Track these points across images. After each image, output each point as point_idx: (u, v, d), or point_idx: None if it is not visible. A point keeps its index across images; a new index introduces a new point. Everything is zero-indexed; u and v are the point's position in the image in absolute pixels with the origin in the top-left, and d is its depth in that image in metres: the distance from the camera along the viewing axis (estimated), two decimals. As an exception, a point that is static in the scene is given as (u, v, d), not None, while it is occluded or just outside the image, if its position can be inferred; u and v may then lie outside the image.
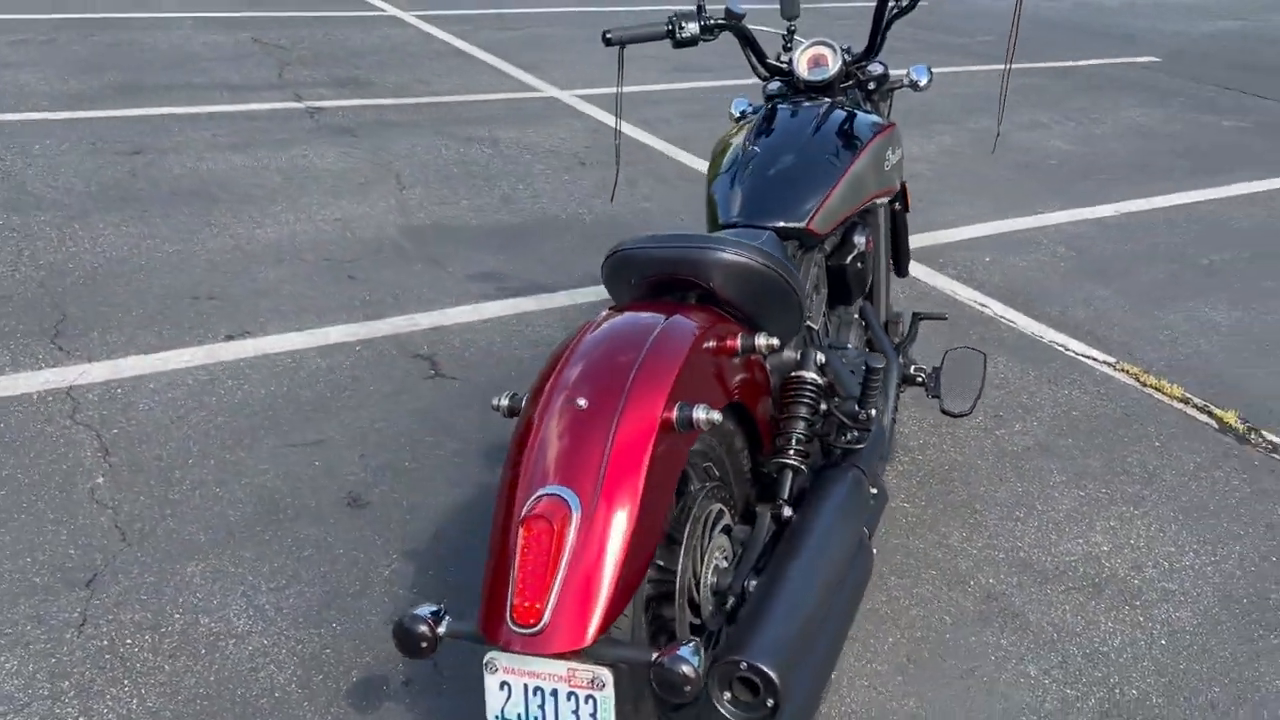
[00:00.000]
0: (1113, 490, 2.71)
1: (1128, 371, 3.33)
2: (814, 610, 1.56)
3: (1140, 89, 7.43)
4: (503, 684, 1.43)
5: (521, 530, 1.38)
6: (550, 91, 6.44)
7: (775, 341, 1.74)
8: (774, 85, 2.63)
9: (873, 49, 2.53)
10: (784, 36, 2.64)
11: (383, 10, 8.73)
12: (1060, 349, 3.47)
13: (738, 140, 2.36)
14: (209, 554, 2.31)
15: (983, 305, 3.77)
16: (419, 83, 6.45)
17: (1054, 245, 4.38)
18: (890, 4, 2.48)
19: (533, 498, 1.41)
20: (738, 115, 2.68)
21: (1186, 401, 3.17)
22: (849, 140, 2.31)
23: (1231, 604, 2.32)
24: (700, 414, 1.50)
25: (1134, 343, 3.54)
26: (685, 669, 1.30)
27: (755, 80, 2.92)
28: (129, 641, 2.05)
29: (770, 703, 1.40)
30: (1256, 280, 4.11)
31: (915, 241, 4.25)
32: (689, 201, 4.63)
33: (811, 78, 2.48)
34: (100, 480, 2.53)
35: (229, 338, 3.24)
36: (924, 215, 4.62)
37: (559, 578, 1.36)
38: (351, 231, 4.12)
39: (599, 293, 3.67)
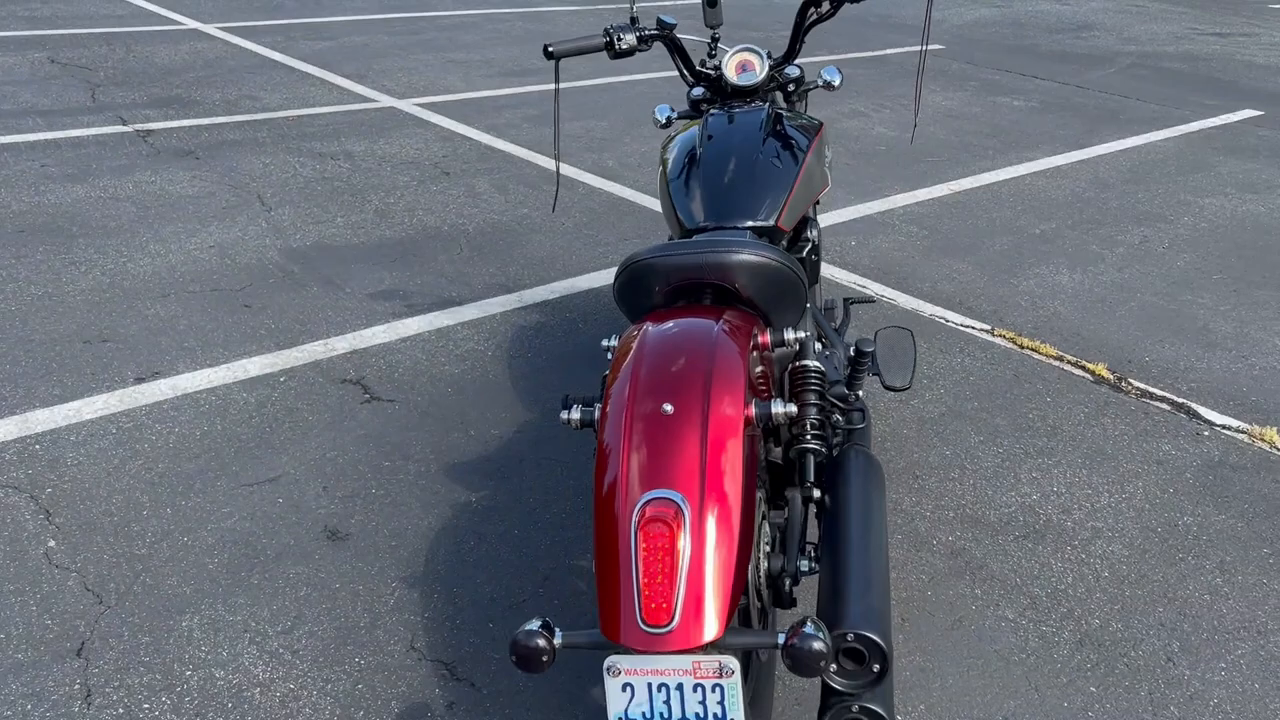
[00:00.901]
0: (1025, 445, 3.00)
1: (1005, 336, 3.67)
2: (880, 576, 1.70)
3: (938, 75, 8.02)
4: (625, 685, 1.49)
5: (639, 535, 1.45)
6: (387, 101, 6.33)
7: (802, 335, 1.87)
8: (698, 90, 2.75)
9: (792, 53, 2.70)
10: (709, 44, 2.77)
11: (181, 24, 8.28)
12: (941, 321, 3.77)
13: (689, 145, 2.46)
14: (200, 605, 2.22)
15: (863, 286, 4.04)
16: (247, 98, 6.19)
17: (906, 225, 4.73)
18: (810, 11, 2.64)
19: (641, 503, 1.48)
20: (664, 121, 2.79)
21: (1061, 359, 3.52)
22: (796, 140, 2.46)
23: (1150, 534, 2.64)
24: (778, 408, 1.61)
25: (1001, 310, 3.89)
26: (818, 645, 1.41)
27: (592, 81, 3.01)
28: (146, 706, 1.96)
29: (876, 667, 1.53)
30: (1084, 245, 4.58)
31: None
32: (565, 206, 4.70)
33: (740, 82, 2.62)
34: (52, 544, 2.37)
35: (139, 380, 3.07)
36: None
37: (682, 576, 1.43)
38: (230, 258, 3.96)
39: (507, 303, 3.70)
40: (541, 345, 3.42)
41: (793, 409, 1.62)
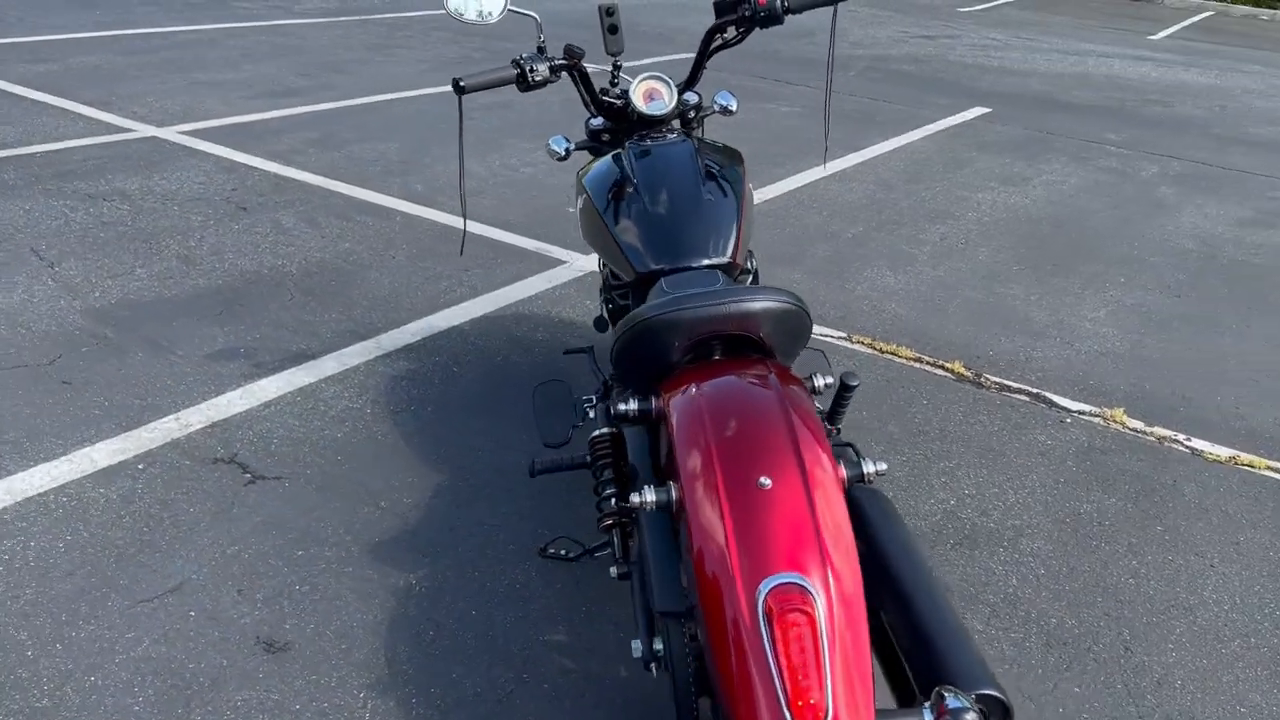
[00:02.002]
0: (924, 450, 3.11)
1: (862, 342, 3.80)
2: (961, 622, 1.68)
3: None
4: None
5: (774, 628, 1.35)
6: (146, 130, 5.70)
7: (830, 379, 1.83)
8: (597, 121, 2.65)
9: (693, 80, 2.65)
10: (611, 72, 2.66)
11: None
12: (801, 333, 3.85)
13: (612, 182, 2.36)
14: (141, 759, 1.88)
15: (716, 303, 4.05)
16: (-28, 133, 5.39)
17: (731, 237, 4.80)
18: (716, 37, 2.60)
19: (765, 591, 1.38)
20: (562, 153, 2.67)
21: (919, 360, 3.69)
22: (729, 172, 2.42)
23: (1061, 524, 2.80)
24: (870, 467, 1.55)
25: (849, 316, 4.03)
26: (971, 717, 1.36)
27: (360, 100, 2.88)
28: None
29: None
30: (896, 246, 4.83)
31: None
32: (388, 238, 4.41)
33: (650, 111, 2.53)
34: (-79, 712, 1.93)
35: (-40, 488, 2.58)
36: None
37: (827, 665, 1.35)
38: (24, 326, 3.41)
39: (366, 351, 3.41)
40: (422, 396, 3.18)
41: (883, 466, 1.57)
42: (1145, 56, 11.43)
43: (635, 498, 1.56)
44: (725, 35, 2.61)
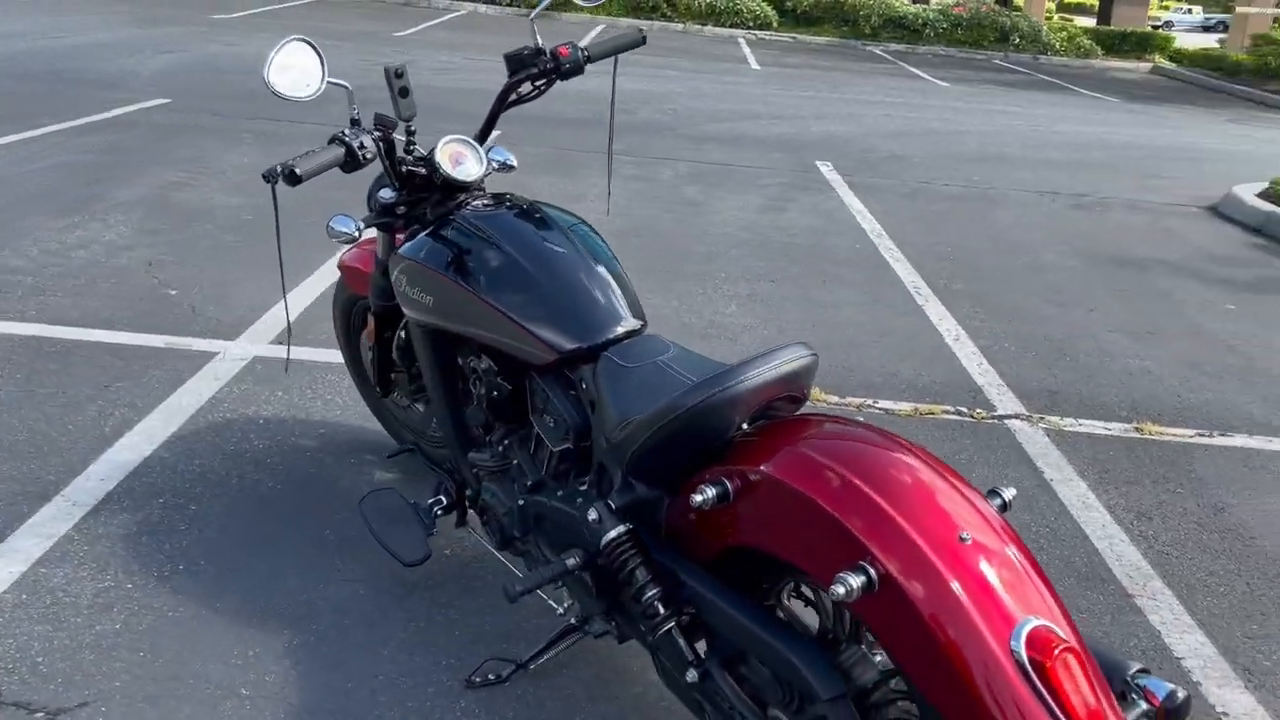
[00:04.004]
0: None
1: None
2: None
3: (205, 132, 7.44)
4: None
5: (1046, 673, 1.37)
6: None
7: None
8: (388, 193, 2.39)
9: (484, 136, 2.50)
10: (406, 139, 2.40)
11: None
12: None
13: (484, 259, 2.17)
14: None
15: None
16: None
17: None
18: (512, 95, 2.46)
19: (1021, 641, 1.39)
20: (354, 234, 2.39)
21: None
22: (589, 231, 2.34)
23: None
24: (1008, 494, 1.63)
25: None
26: (1183, 693, 1.50)
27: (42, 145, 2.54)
28: None
29: None
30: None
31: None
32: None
33: (459, 176, 2.35)
34: None
35: None
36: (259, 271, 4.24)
37: (1103, 700, 1.41)
38: None
39: (61, 512, 2.67)
40: (180, 548, 2.58)
41: (1014, 492, 1.66)
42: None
43: (838, 589, 1.46)
44: (521, 91, 2.47)
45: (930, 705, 1.46)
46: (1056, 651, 1.38)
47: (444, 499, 2.50)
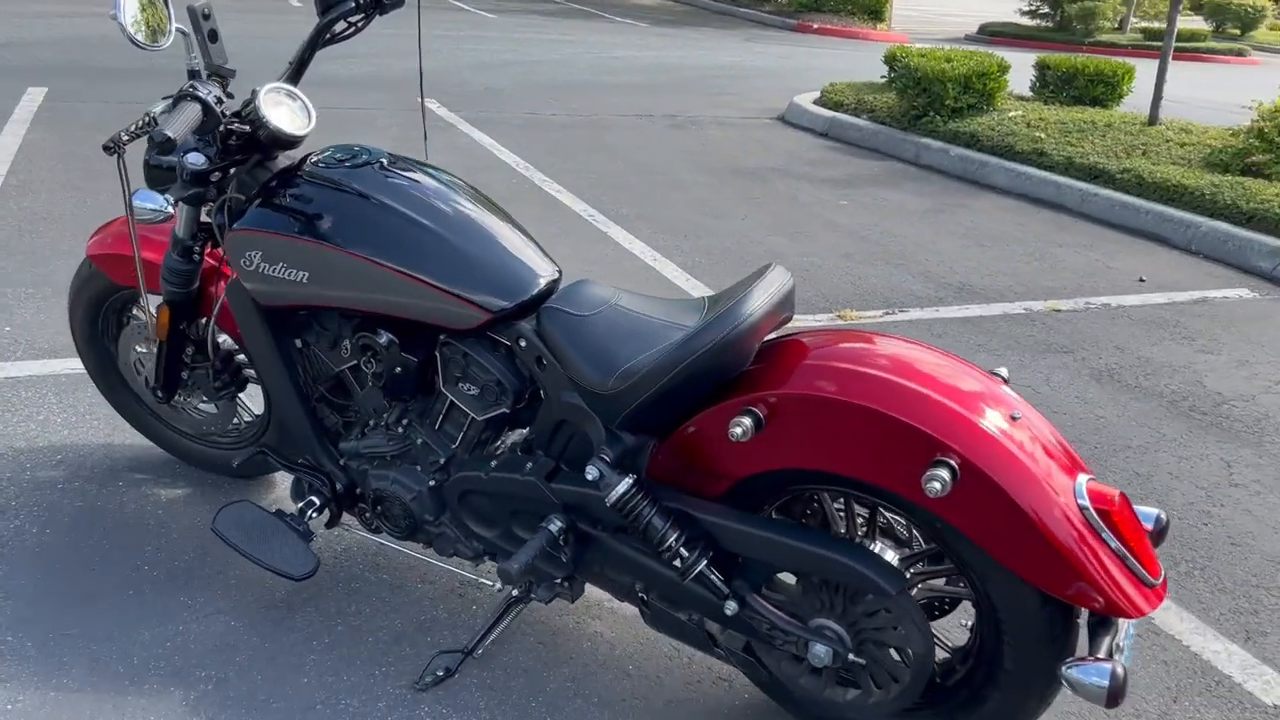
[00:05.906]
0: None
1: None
2: None
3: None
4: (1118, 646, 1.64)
5: (1109, 514, 1.58)
6: None
7: None
8: (197, 158, 2.04)
9: (294, 83, 2.20)
10: (219, 94, 2.05)
11: None
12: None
13: (376, 223, 1.96)
14: None
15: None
16: None
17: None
18: (325, 35, 2.18)
19: (1081, 495, 1.58)
20: (164, 210, 2.07)
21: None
22: (461, 181, 2.18)
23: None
24: (1004, 373, 1.80)
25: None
26: (1165, 515, 1.78)
27: None
28: None
29: None
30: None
31: None
32: None
33: (293, 131, 2.08)
34: None
35: None
36: None
37: (1145, 536, 1.64)
38: None
39: None
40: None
41: (1006, 370, 1.84)
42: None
43: (934, 486, 1.53)
44: (336, 29, 2.19)
45: (1008, 571, 1.60)
46: (1115, 500, 1.59)
47: (315, 500, 2.22)
